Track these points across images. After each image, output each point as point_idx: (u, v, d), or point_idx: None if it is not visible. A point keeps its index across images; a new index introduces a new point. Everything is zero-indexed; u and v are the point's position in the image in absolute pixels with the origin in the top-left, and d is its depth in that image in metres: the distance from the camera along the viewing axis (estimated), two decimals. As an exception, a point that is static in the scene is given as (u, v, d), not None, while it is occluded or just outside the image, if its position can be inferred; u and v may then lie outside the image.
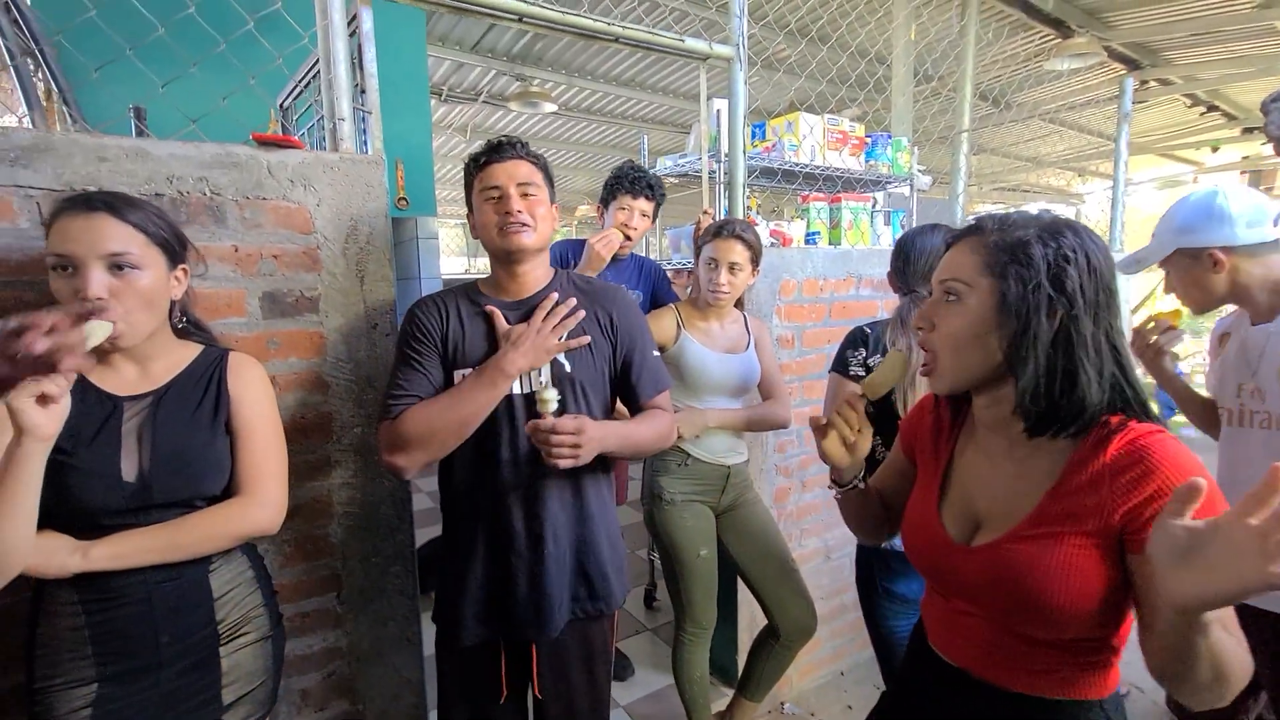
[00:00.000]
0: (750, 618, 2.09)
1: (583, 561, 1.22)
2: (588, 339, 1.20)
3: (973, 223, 0.79)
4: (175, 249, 0.99)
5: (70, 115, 1.54)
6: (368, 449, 1.34)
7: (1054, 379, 0.71)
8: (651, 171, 2.07)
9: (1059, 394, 0.71)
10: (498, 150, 1.17)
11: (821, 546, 2.24)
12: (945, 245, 0.82)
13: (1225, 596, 0.53)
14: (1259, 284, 1.26)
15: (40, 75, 1.47)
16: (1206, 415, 1.47)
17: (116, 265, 0.90)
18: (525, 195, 1.16)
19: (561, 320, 1.17)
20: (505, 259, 1.18)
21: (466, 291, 1.24)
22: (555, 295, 1.19)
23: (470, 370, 1.15)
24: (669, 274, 2.30)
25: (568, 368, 1.19)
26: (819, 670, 2.29)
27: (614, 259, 2.13)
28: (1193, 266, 1.30)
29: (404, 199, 3.52)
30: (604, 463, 1.23)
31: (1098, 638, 0.74)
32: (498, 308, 1.19)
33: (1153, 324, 1.49)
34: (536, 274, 1.22)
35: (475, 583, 1.19)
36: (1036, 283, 0.71)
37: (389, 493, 1.38)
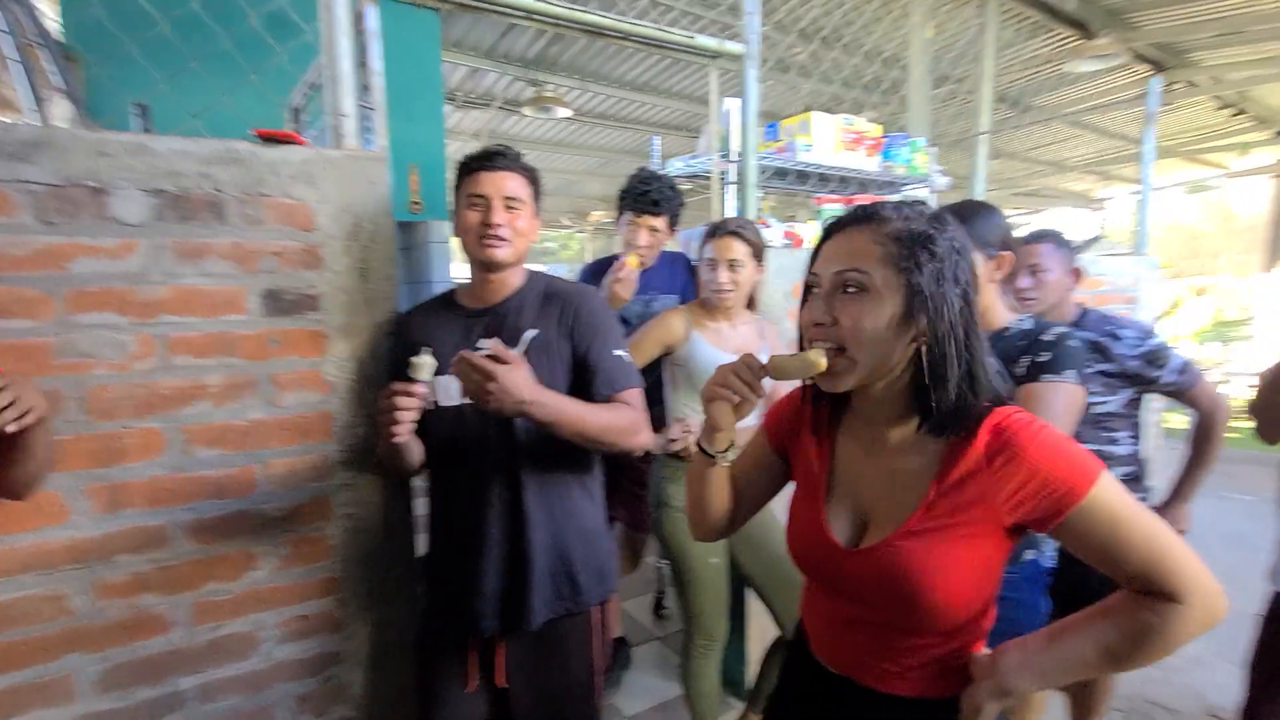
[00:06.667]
0: (761, 628, 2.04)
1: (554, 561, 1.22)
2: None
3: (867, 209, 0.75)
4: None
5: (75, 111, 1.55)
6: (368, 450, 1.31)
7: (963, 375, 0.71)
8: (670, 178, 2.02)
9: (965, 389, 0.71)
10: (489, 159, 1.20)
11: (835, 555, 2.18)
12: (825, 232, 0.77)
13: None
14: None
15: (47, 71, 1.48)
16: None
17: None
18: (509, 208, 1.20)
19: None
20: (480, 267, 1.23)
21: (445, 300, 1.30)
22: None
23: (446, 377, 1.17)
24: None
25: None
26: (832, 683, 2.23)
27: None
28: None
29: (417, 203, 3.52)
30: (582, 463, 1.28)
31: (974, 626, 0.76)
32: (468, 313, 1.25)
33: None
34: (510, 281, 1.26)
35: (446, 577, 1.24)
36: (945, 276, 0.70)
37: (390, 495, 1.36)
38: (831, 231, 0.77)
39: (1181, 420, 1.73)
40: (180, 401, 1.15)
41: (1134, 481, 1.66)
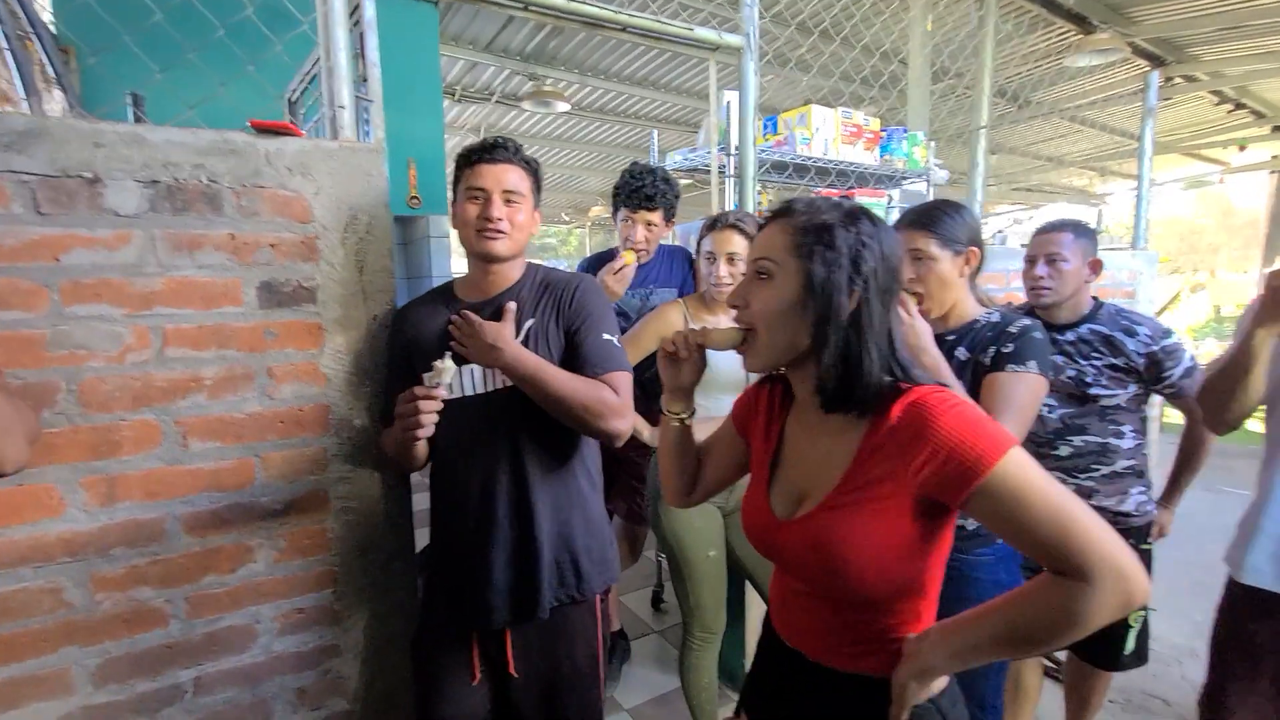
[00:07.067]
0: (759, 620, 2.04)
1: (559, 548, 1.22)
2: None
3: (786, 203, 0.82)
4: None
5: (69, 102, 1.54)
6: (366, 442, 1.31)
7: (847, 358, 0.76)
8: (663, 170, 2.02)
9: (849, 373, 0.76)
10: (490, 151, 1.19)
11: (833, 549, 2.18)
12: (759, 226, 0.86)
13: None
14: None
15: (41, 63, 1.47)
16: (1249, 399, 1.30)
17: None
18: (508, 202, 1.19)
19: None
20: (479, 259, 1.23)
21: (445, 293, 1.30)
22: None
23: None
24: None
25: None
26: (830, 676, 2.23)
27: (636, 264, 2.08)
28: None
29: (416, 198, 3.51)
30: (583, 450, 1.29)
31: (907, 604, 0.78)
32: (467, 306, 1.22)
33: None
34: (509, 273, 1.25)
35: (452, 569, 1.24)
36: (839, 265, 0.75)
37: (388, 488, 1.35)
38: (763, 225, 0.85)
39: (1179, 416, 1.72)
40: (176, 394, 1.15)
41: (1137, 476, 1.66)
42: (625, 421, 1.19)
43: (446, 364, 1.08)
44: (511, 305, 1.19)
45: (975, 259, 1.28)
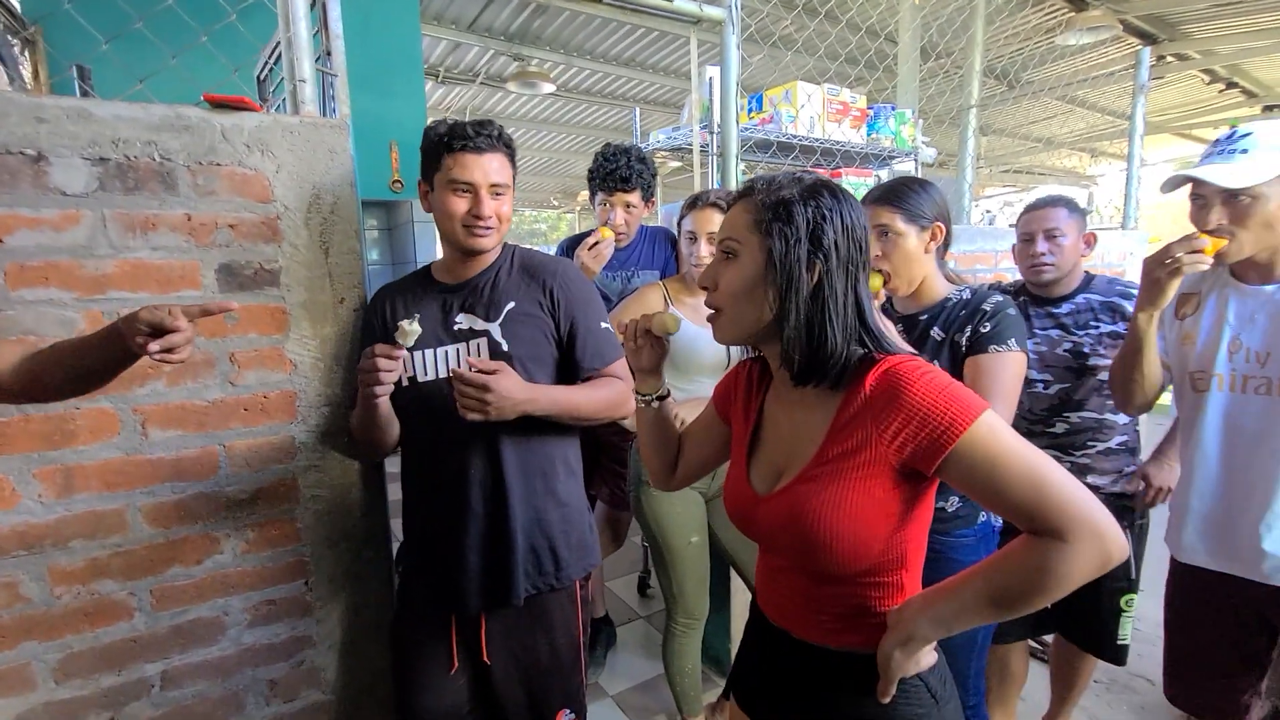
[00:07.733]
0: (744, 605, 2.03)
1: (535, 535, 1.20)
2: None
3: (749, 183, 0.82)
4: None
5: (8, 75, 1.48)
6: (335, 429, 1.27)
7: (811, 331, 0.76)
8: (637, 148, 1.96)
9: (814, 345, 0.76)
10: (473, 139, 1.12)
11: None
12: (726, 207, 0.87)
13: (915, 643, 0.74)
14: None
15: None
16: (1147, 380, 1.33)
17: None
18: (495, 195, 1.15)
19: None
20: (462, 251, 1.18)
21: (422, 276, 1.27)
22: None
23: (425, 351, 1.18)
24: None
25: (505, 346, 1.18)
26: (817, 659, 2.23)
27: (615, 247, 2.04)
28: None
29: (399, 182, 3.44)
30: (563, 437, 1.26)
31: (888, 576, 0.78)
32: (445, 289, 1.22)
33: (1189, 243, 1.20)
34: (486, 257, 1.23)
35: (426, 557, 1.23)
36: (798, 239, 0.75)
37: (360, 475, 1.32)
38: (729, 207, 0.84)
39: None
40: (133, 380, 1.11)
41: (1129, 453, 1.64)
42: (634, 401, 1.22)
43: (412, 326, 1.06)
44: (475, 360, 1.11)
45: (941, 234, 1.27)
